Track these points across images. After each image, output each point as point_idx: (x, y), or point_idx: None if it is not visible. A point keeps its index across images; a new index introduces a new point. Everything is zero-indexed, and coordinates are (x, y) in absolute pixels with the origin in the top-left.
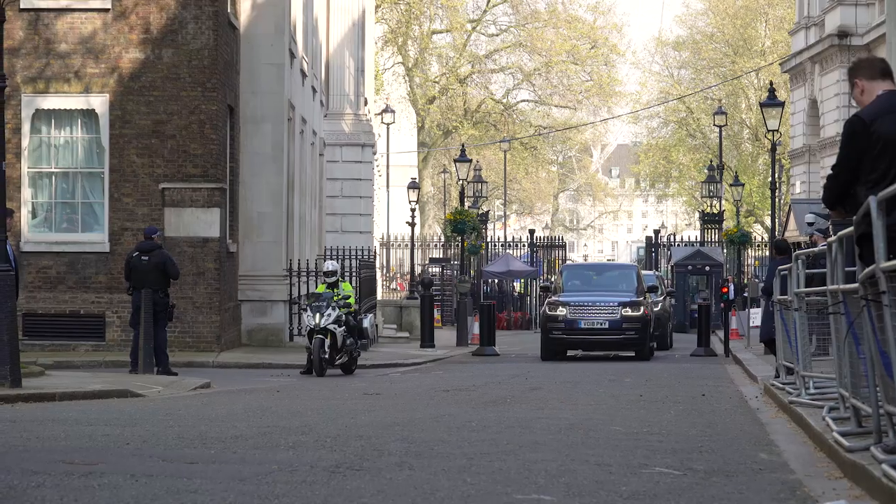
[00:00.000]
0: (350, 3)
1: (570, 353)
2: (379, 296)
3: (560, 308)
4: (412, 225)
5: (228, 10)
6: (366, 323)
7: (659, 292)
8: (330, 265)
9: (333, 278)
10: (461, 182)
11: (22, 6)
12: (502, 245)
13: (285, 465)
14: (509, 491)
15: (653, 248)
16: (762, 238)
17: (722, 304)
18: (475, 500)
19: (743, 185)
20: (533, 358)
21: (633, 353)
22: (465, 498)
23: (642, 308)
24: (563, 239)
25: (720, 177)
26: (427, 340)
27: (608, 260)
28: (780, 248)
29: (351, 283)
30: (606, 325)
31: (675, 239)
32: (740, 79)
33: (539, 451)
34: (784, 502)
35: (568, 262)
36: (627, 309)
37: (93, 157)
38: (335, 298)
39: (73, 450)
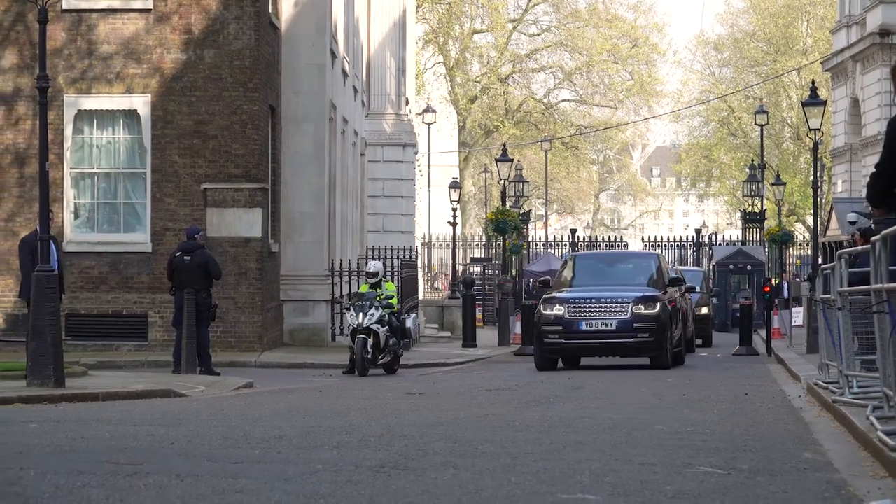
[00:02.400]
0: (391, 3)
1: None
2: (420, 295)
3: (556, 306)
4: (453, 224)
5: (270, 11)
6: (409, 323)
7: (699, 287)
8: (373, 265)
9: (377, 279)
10: (502, 181)
11: (64, 7)
12: (543, 244)
13: (330, 464)
14: (554, 490)
15: (693, 246)
16: (804, 237)
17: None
18: (520, 500)
19: (784, 184)
20: None
21: (648, 361)
22: (509, 497)
23: (658, 304)
24: (606, 238)
25: (762, 176)
26: (469, 340)
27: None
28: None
29: (393, 282)
30: (613, 327)
31: (716, 238)
32: (781, 77)
33: (583, 450)
34: (829, 502)
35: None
36: (640, 306)
37: (135, 158)
38: (378, 298)
39: (118, 450)
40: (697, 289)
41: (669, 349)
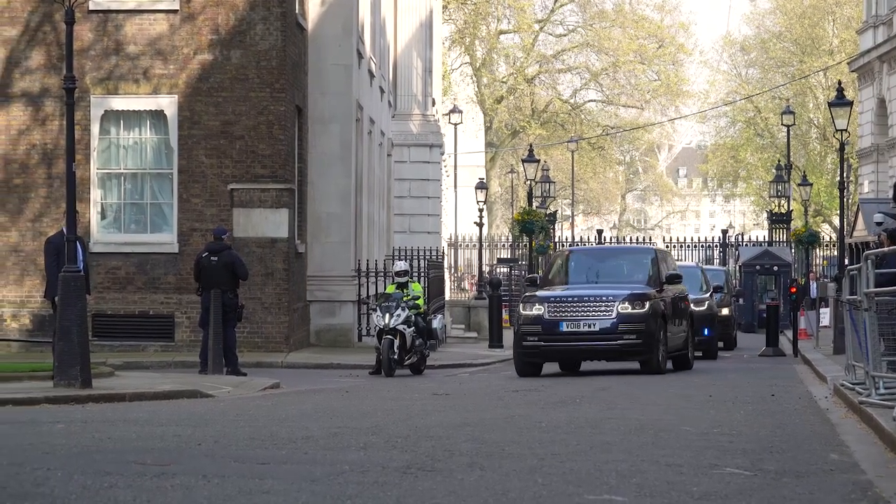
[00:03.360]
0: (418, 4)
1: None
2: (447, 296)
3: (536, 306)
4: (480, 225)
5: (296, 11)
6: (435, 323)
7: (708, 289)
8: (401, 265)
9: (405, 278)
10: (529, 182)
11: (91, 8)
12: (570, 245)
13: (356, 465)
14: (581, 491)
15: (720, 247)
16: (830, 238)
17: (801, 303)
18: (547, 501)
19: (811, 184)
20: None
21: (638, 365)
22: (536, 498)
23: (648, 304)
24: (633, 239)
25: (788, 176)
26: (495, 341)
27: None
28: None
29: (419, 283)
30: (596, 328)
31: (743, 239)
32: (808, 78)
33: (610, 451)
34: (855, 503)
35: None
36: (627, 305)
37: (161, 158)
38: (405, 299)
39: (145, 450)
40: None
41: (661, 352)
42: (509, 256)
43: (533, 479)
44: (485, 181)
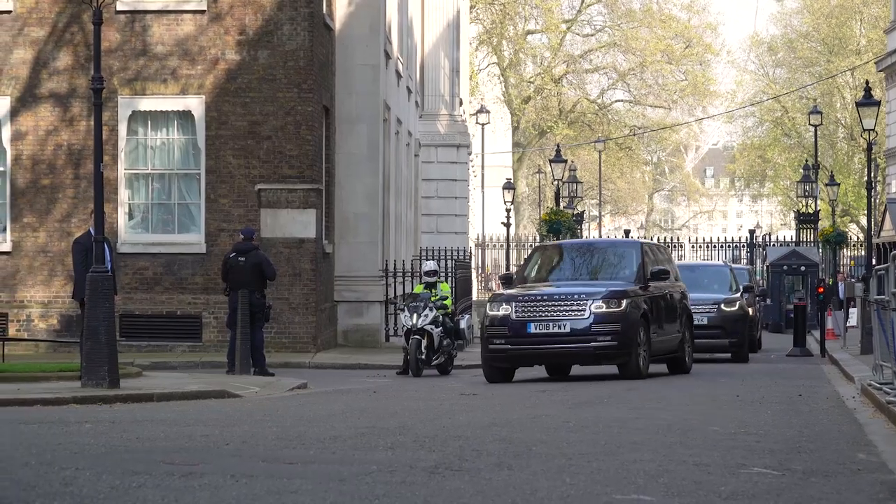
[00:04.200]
0: (445, 4)
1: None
2: (474, 296)
3: (503, 305)
4: (507, 225)
5: (324, 11)
6: (463, 324)
7: (738, 289)
8: (430, 265)
9: (434, 278)
10: (556, 182)
11: (118, 8)
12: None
13: (384, 465)
14: (608, 491)
15: (747, 247)
16: (858, 238)
17: (829, 303)
18: (575, 500)
19: (838, 184)
20: None
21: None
22: (564, 498)
23: (626, 302)
24: (662, 239)
25: (815, 176)
26: None
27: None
28: None
29: (447, 283)
30: (567, 329)
31: (770, 239)
32: (835, 78)
33: (637, 451)
34: (883, 503)
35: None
36: (601, 304)
37: (189, 159)
38: (433, 299)
39: (173, 450)
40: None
41: (642, 355)
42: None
43: (561, 478)
44: (512, 181)
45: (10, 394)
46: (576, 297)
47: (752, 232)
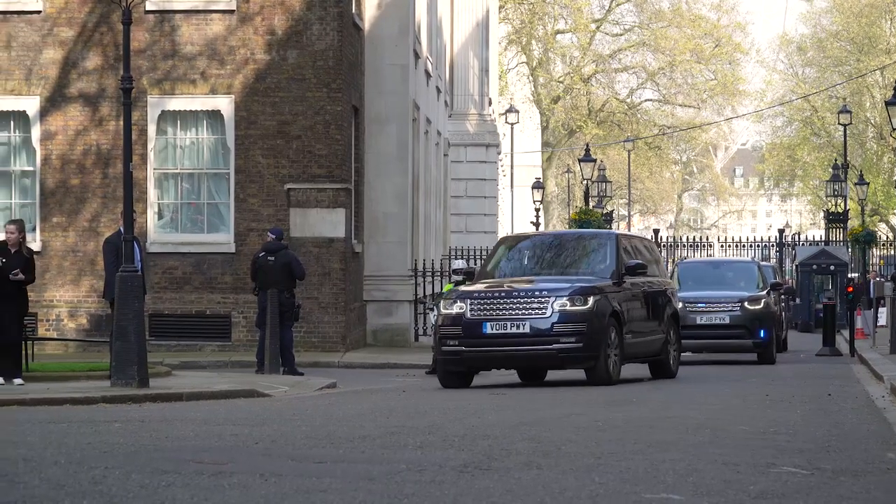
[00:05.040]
0: (474, 4)
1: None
2: None
3: (458, 303)
4: (536, 225)
5: (353, 11)
6: None
7: (765, 286)
8: (459, 264)
9: (462, 277)
10: (585, 181)
11: (147, 8)
12: None
13: (413, 464)
14: (638, 490)
15: (776, 247)
16: (887, 237)
17: (858, 303)
18: (604, 500)
19: (868, 183)
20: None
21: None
22: (593, 497)
23: (592, 299)
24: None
25: (845, 175)
26: None
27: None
28: None
29: None
30: (526, 329)
31: (799, 238)
32: (865, 77)
33: (666, 450)
34: None
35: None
36: (565, 301)
37: (218, 158)
38: None
39: (202, 449)
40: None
41: (613, 358)
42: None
43: (590, 477)
44: (541, 181)
45: (39, 393)
46: (537, 293)
47: (781, 231)
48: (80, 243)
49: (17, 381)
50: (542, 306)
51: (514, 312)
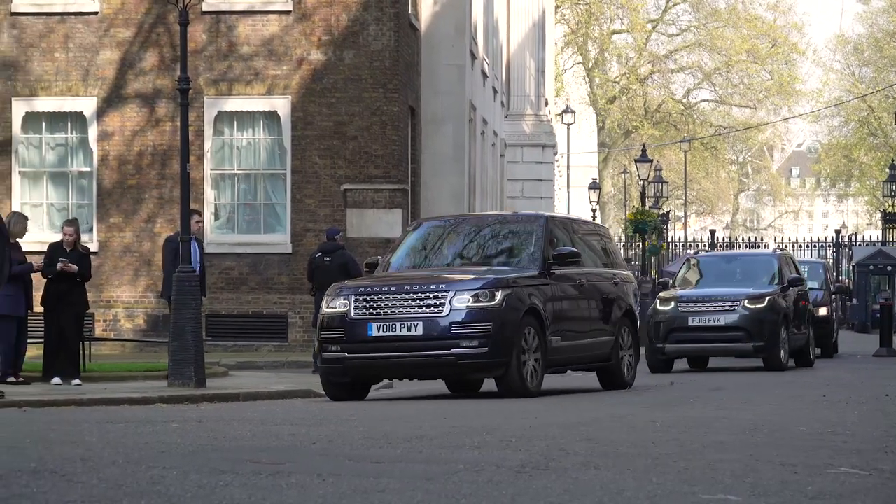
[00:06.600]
0: (530, 4)
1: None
2: None
3: (340, 300)
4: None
5: (409, 12)
6: None
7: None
8: None
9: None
10: (642, 182)
11: (204, 9)
12: (683, 245)
13: (471, 464)
14: (695, 490)
15: (833, 247)
16: None
17: None
18: (662, 500)
19: None
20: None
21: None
22: (651, 497)
23: (501, 294)
24: (746, 239)
25: None
26: None
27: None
28: None
29: None
30: (419, 331)
31: (856, 239)
32: None
33: (723, 451)
34: None
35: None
36: (467, 297)
37: (275, 159)
38: None
39: (260, 449)
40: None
41: (529, 365)
42: (622, 256)
43: (647, 478)
44: (598, 181)
45: (97, 393)
46: (433, 288)
47: (837, 232)
48: (136, 243)
49: (75, 381)
50: (438, 303)
51: (405, 311)
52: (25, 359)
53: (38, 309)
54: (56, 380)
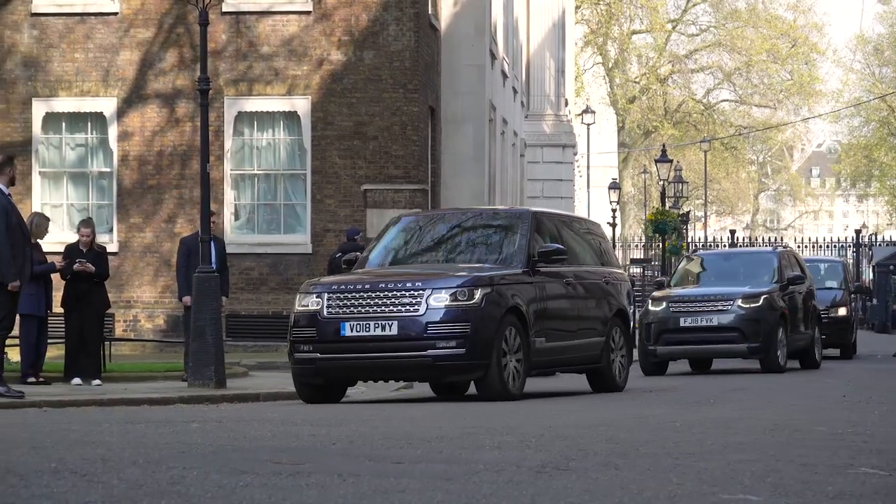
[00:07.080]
0: (550, 4)
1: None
2: None
3: (313, 298)
4: (613, 225)
5: (429, 12)
6: None
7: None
8: None
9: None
10: (662, 182)
11: (224, 9)
12: (703, 245)
13: (491, 464)
14: (716, 491)
15: (853, 247)
16: None
17: None
18: (682, 500)
19: None
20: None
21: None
22: (671, 498)
23: (480, 292)
24: (768, 240)
25: None
26: None
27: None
28: None
29: None
30: (394, 332)
31: (876, 239)
32: None
33: (743, 451)
34: None
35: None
36: (445, 296)
37: (295, 159)
38: None
39: (280, 449)
40: (805, 281)
41: (511, 367)
42: (642, 257)
43: (668, 478)
44: (618, 181)
45: (117, 393)
46: (409, 286)
47: (858, 232)
48: (156, 243)
49: (96, 381)
50: (415, 302)
51: (379, 310)
52: (46, 359)
53: (59, 309)
54: (76, 380)
